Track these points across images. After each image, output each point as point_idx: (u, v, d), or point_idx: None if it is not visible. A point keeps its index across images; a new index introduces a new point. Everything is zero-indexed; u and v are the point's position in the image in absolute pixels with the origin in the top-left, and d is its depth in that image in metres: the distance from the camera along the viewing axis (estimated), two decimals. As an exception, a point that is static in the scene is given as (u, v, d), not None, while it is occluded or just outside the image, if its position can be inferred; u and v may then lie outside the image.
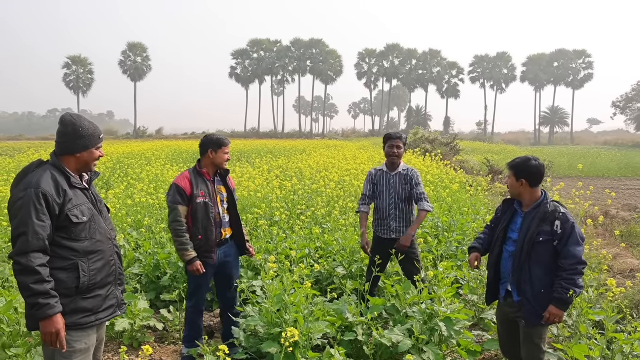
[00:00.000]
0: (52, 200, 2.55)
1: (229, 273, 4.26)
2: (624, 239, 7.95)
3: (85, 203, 2.71)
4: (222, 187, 4.22)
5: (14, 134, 66.59)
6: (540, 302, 3.22)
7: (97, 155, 2.80)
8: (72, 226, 2.62)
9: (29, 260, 2.44)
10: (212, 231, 4.01)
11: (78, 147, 2.71)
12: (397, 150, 4.79)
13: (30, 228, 2.47)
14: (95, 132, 2.77)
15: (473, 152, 32.87)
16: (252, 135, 65.34)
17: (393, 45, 78.03)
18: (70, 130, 2.70)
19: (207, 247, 4.02)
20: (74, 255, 2.63)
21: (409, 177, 4.79)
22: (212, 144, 4.09)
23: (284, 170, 13.81)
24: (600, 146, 55.44)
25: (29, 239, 2.46)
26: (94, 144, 2.76)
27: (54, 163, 2.70)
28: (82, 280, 2.63)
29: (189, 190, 3.96)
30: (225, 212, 4.19)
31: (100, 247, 2.74)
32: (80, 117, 2.76)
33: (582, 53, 75.52)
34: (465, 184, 12.00)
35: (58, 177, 2.64)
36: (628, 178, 23.78)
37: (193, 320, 4.20)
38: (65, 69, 70.22)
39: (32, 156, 19.46)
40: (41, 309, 2.46)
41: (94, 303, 2.71)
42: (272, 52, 76.11)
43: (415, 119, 74.86)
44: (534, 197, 3.34)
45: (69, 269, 2.61)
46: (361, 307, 4.24)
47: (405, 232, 4.74)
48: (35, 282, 2.45)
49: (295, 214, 7.85)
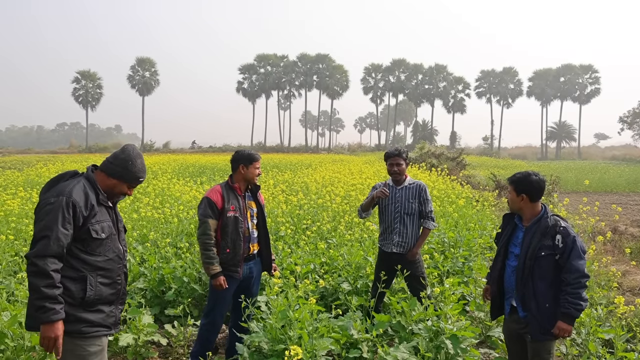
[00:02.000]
0: (80, 212, 2.65)
1: (250, 289, 4.26)
2: (633, 256, 7.86)
3: (106, 220, 2.82)
4: (253, 202, 4.27)
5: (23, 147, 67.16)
6: (545, 316, 3.21)
7: (124, 190, 2.93)
8: (91, 240, 2.71)
9: (45, 263, 2.51)
10: (240, 246, 4.04)
11: (118, 175, 2.85)
12: (398, 168, 4.78)
13: (54, 233, 2.55)
14: (137, 174, 2.90)
15: (479, 166, 32.79)
16: (258, 149, 65.55)
17: (399, 60, 78.42)
18: (123, 158, 2.86)
19: (234, 261, 4.04)
20: (84, 268, 2.70)
21: (417, 192, 4.76)
22: (243, 159, 4.15)
23: (290, 185, 13.82)
24: (608, 161, 55.17)
25: (50, 244, 2.53)
26: (130, 182, 2.90)
27: (88, 177, 2.83)
28: (89, 294, 2.70)
29: (220, 204, 4.00)
30: (254, 228, 4.22)
31: (110, 266, 2.81)
32: (139, 155, 2.93)
33: (589, 68, 75.54)
34: (472, 199, 11.94)
35: (89, 190, 2.76)
36: (636, 193, 23.56)
37: (207, 338, 4.14)
38: (75, 84, 71.14)
39: (40, 170, 19.60)
40: (46, 313, 2.51)
41: (96, 317, 2.77)
42: (278, 67, 76.67)
43: (422, 133, 74.88)
44: (535, 212, 3.35)
45: (77, 280, 2.68)
46: (366, 324, 4.19)
47: (407, 247, 4.72)
48: (46, 286, 2.51)
49: (301, 228, 7.83)
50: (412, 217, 4.76)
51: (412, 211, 4.76)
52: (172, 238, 7.06)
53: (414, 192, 4.77)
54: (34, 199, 9.48)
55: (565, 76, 75.84)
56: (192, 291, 5.49)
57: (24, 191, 10.73)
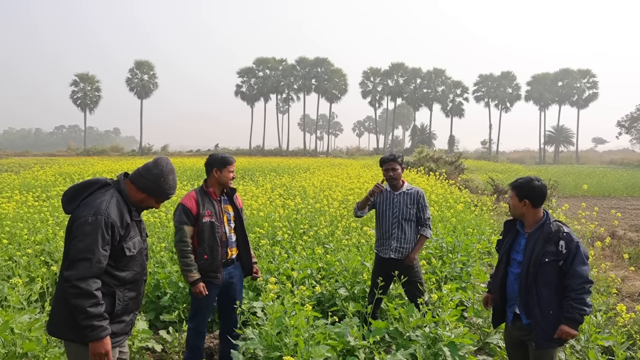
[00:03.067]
0: (117, 231, 2.68)
1: (232, 295, 4.20)
2: (632, 261, 7.82)
3: (137, 235, 2.83)
4: (229, 206, 4.19)
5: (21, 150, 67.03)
6: (550, 323, 3.18)
7: (152, 204, 2.92)
8: (123, 257, 2.74)
9: (88, 284, 2.55)
10: (218, 251, 3.99)
11: (149, 190, 2.84)
12: (393, 173, 4.74)
13: (96, 256, 2.57)
14: (168, 190, 2.87)
15: (477, 170, 32.79)
16: (256, 152, 65.56)
17: (398, 64, 78.51)
18: (155, 172, 2.83)
19: (212, 267, 3.99)
20: (114, 283, 2.73)
21: (415, 199, 4.73)
22: (216, 163, 4.07)
23: (288, 189, 13.77)
24: (606, 165, 55.25)
25: (92, 266, 2.57)
26: (159, 197, 2.89)
27: (120, 189, 2.82)
28: (117, 309, 2.75)
29: (195, 209, 3.94)
30: (231, 232, 4.15)
31: (137, 278, 2.86)
32: (171, 170, 2.89)
33: (587, 73, 75.75)
34: (470, 203, 11.90)
35: (122, 207, 2.76)
36: (634, 197, 23.59)
37: (194, 344, 4.14)
38: (73, 87, 71.12)
39: (37, 172, 19.52)
40: (95, 331, 2.58)
41: (118, 327, 2.80)
42: (277, 71, 76.69)
43: (420, 137, 74.99)
44: (537, 218, 3.33)
45: (106, 295, 2.70)
46: (363, 330, 4.14)
47: (405, 253, 4.69)
48: (91, 306, 2.56)
49: (298, 233, 7.78)
50: (410, 223, 4.72)
51: (410, 217, 4.72)
52: (168, 242, 7.00)
53: (413, 198, 4.73)
54: (29, 203, 9.42)
55: (563, 80, 76.01)
56: (187, 296, 5.42)
57: (20, 194, 10.66)
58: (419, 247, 4.72)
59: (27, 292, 4.79)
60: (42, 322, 4.08)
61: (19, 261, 5.89)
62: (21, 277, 5.31)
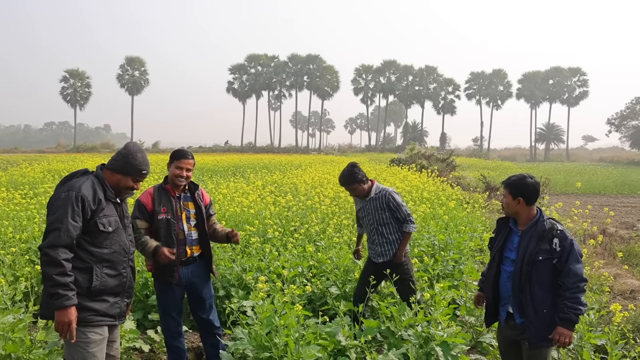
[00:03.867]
0: (88, 205, 2.84)
1: (199, 294, 4.05)
2: (624, 259, 7.83)
3: (113, 215, 2.99)
4: (190, 203, 3.99)
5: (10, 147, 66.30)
6: (543, 322, 3.14)
7: (130, 184, 3.07)
8: (98, 233, 2.89)
9: (56, 253, 2.70)
10: (174, 249, 3.78)
11: (121, 169, 3.03)
12: (355, 192, 4.72)
13: (64, 225, 2.74)
14: (139, 167, 3.05)
15: (469, 168, 32.89)
16: (248, 149, 65.31)
17: (389, 62, 78.53)
18: (124, 153, 3.04)
19: (169, 265, 3.79)
20: (90, 259, 2.88)
21: (385, 202, 4.62)
22: (170, 158, 3.91)
23: (279, 186, 13.67)
24: (596, 163, 55.71)
25: (61, 235, 2.73)
26: (133, 175, 3.05)
27: (97, 175, 3.04)
28: (95, 284, 2.88)
29: (150, 206, 3.83)
30: (191, 229, 3.96)
31: (115, 258, 2.98)
32: (139, 150, 3.09)
33: (577, 71, 76.29)
34: (462, 201, 11.88)
35: (97, 187, 2.96)
36: (624, 195, 23.77)
37: (170, 344, 4.07)
38: (63, 82, 70.44)
39: (25, 169, 19.26)
40: (59, 299, 2.69)
41: (102, 306, 2.93)
42: (269, 67, 76.46)
43: (412, 134, 75.17)
44: (530, 215, 3.29)
45: (84, 270, 2.85)
46: (355, 330, 4.08)
47: (391, 254, 4.65)
48: (58, 274, 2.69)
49: (289, 230, 7.70)
50: (388, 227, 4.65)
51: (386, 221, 4.64)
52: (157, 240, 6.90)
53: (381, 202, 4.64)
54: (16, 200, 9.25)
55: (554, 79, 76.49)
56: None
57: (7, 192, 10.48)
58: (403, 244, 4.65)
59: (12, 291, 4.68)
60: (26, 323, 3.98)
61: (4, 260, 5.76)
62: (5, 276, 5.19)
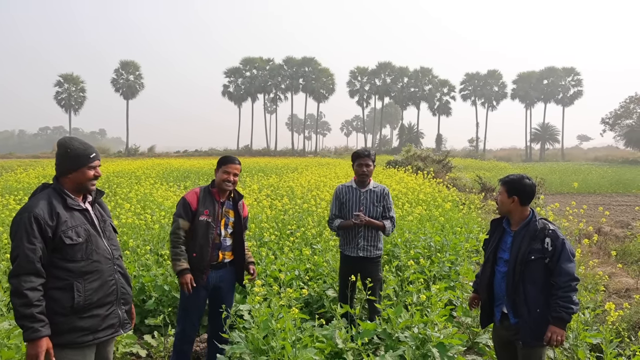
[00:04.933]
0: (44, 223, 2.60)
1: (221, 299, 4.09)
2: (618, 258, 7.87)
3: (81, 224, 2.75)
4: (232, 211, 4.08)
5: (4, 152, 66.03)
6: (537, 322, 3.16)
7: (91, 174, 2.82)
8: (67, 247, 2.66)
9: (19, 282, 2.52)
10: (207, 252, 3.90)
11: (69, 167, 2.78)
12: (367, 169, 4.64)
13: (22, 251, 2.54)
14: (85, 152, 2.80)
15: (465, 169, 32.95)
16: (244, 153, 65.26)
17: (385, 64, 78.66)
18: (62, 151, 2.79)
19: (200, 266, 3.89)
20: (69, 275, 2.66)
21: (381, 197, 4.65)
22: (218, 163, 4.03)
23: (275, 189, 13.69)
24: (591, 162, 55.91)
25: (20, 263, 2.54)
26: (85, 164, 2.79)
27: (54, 186, 2.79)
28: (77, 300, 2.66)
29: (195, 205, 3.90)
30: (227, 236, 4.04)
31: (97, 267, 2.76)
32: (71, 139, 2.83)
33: (571, 71, 76.60)
34: (458, 202, 11.91)
35: (54, 200, 2.70)
36: (619, 194, 23.89)
37: (180, 348, 4.03)
38: (57, 87, 70.24)
39: (20, 175, 19.22)
40: (26, 332, 2.51)
41: (91, 322, 2.73)
42: (264, 71, 76.47)
43: (408, 136, 75.23)
44: (523, 216, 3.33)
45: (64, 288, 2.65)
46: (352, 332, 4.09)
47: (372, 252, 4.62)
48: (22, 305, 2.50)
49: (285, 234, 7.71)
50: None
51: (377, 215, 4.65)
52: (154, 245, 6.89)
53: (379, 196, 4.66)
54: (10, 206, 9.23)
55: (548, 79, 76.76)
56: (173, 300, 5.34)
57: (1, 197, 10.46)
58: (374, 223, 4.59)
59: (7, 298, 4.67)
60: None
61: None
62: (1, 283, 5.17)
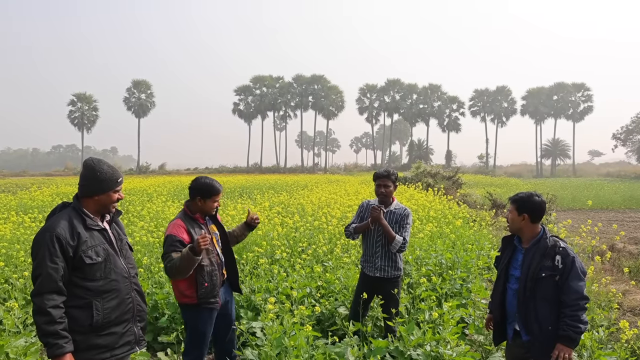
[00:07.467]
0: (66, 243, 2.68)
1: (229, 314, 4.09)
2: (632, 275, 7.78)
3: (101, 244, 2.83)
4: (214, 225, 4.04)
5: (18, 170, 66.91)
6: (548, 339, 3.16)
7: (115, 197, 2.93)
8: (86, 267, 2.75)
9: (42, 301, 2.60)
10: (217, 275, 3.82)
11: (96, 190, 2.86)
12: (385, 189, 4.63)
13: (44, 270, 2.63)
14: (113, 176, 2.89)
15: (475, 185, 32.82)
16: (254, 170, 65.57)
17: (393, 81, 78.99)
18: (89, 174, 2.86)
19: (213, 292, 3.77)
20: (87, 294, 2.76)
21: (401, 218, 4.64)
22: (200, 192, 3.81)
23: (286, 207, 13.73)
24: (603, 178, 55.41)
25: (43, 281, 2.62)
26: (112, 188, 2.89)
27: (75, 206, 2.86)
28: (96, 319, 2.75)
29: (187, 238, 3.69)
30: (221, 251, 4.02)
31: (115, 286, 2.85)
32: (100, 162, 2.91)
33: (581, 86, 76.29)
34: (469, 219, 11.87)
35: (75, 220, 2.79)
36: (632, 210, 23.58)
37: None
38: (70, 106, 71.32)
39: (34, 193, 19.46)
40: (51, 348, 2.60)
41: (109, 340, 2.82)
42: (274, 88, 77.07)
43: (417, 152, 75.23)
44: (534, 233, 3.34)
45: (83, 307, 2.74)
46: (364, 350, 4.10)
47: (390, 272, 4.61)
48: (45, 323, 2.59)
49: (297, 251, 7.74)
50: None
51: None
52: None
53: (399, 216, 4.64)
54: (26, 224, 9.36)
55: (558, 94, 76.50)
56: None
57: (16, 215, 10.61)
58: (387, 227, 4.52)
59: (23, 315, 4.74)
60: (37, 347, 4.03)
61: (15, 283, 5.83)
62: (17, 300, 5.25)
